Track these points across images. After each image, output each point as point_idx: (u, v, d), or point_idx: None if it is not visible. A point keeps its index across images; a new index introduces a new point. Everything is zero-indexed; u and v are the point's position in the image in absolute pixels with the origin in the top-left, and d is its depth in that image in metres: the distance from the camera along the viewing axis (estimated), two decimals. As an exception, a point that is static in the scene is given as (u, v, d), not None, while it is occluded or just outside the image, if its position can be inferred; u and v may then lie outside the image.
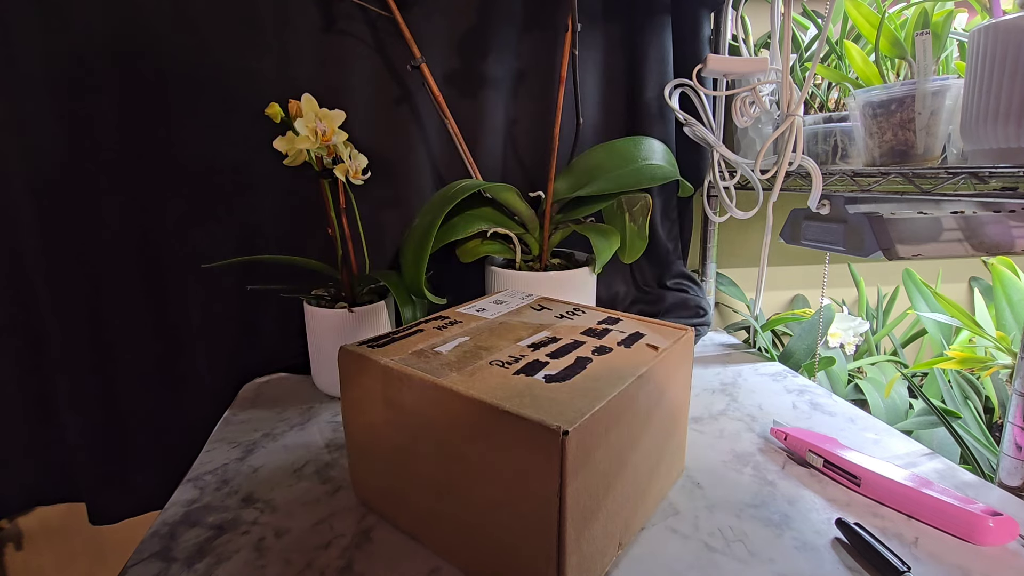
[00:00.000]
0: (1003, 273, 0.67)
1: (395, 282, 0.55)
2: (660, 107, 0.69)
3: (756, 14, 0.74)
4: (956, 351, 0.60)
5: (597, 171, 0.62)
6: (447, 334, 0.39)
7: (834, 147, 0.58)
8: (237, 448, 0.49)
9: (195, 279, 0.61)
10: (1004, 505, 0.39)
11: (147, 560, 0.35)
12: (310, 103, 0.48)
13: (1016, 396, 0.39)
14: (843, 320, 0.74)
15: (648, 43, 0.67)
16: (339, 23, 0.59)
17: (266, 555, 0.35)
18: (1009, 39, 0.37)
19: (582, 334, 0.39)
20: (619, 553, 0.34)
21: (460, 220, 0.59)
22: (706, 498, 0.40)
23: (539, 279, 0.58)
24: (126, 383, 0.62)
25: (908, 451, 0.46)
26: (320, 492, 0.42)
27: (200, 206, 0.61)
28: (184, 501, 0.41)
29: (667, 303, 0.72)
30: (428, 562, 0.34)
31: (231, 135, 0.59)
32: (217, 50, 0.58)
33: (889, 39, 0.51)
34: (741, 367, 0.65)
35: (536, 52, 0.66)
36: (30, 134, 0.55)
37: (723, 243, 0.83)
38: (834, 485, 0.41)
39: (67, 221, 0.57)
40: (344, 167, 0.51)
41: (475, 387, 0.31)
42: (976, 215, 0.51)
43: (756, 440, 0.48)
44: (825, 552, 0.35)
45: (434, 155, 0.66)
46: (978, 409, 0.61)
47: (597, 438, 0.29)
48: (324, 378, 0.58)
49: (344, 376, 0.37)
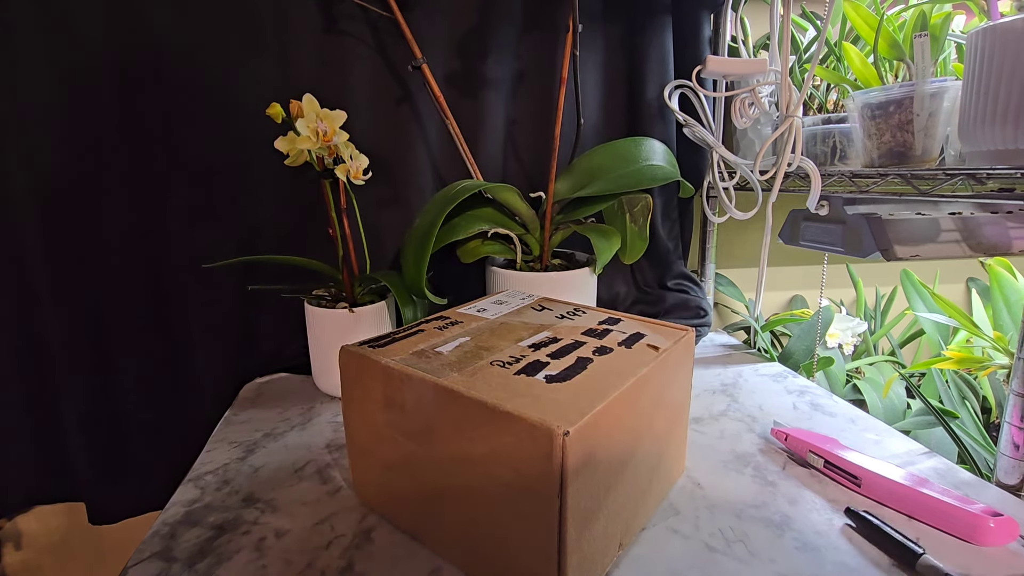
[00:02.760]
0: (1000, 274, 0.67)
1: (396, 282, 0.55)
2: (661, 108, 0.69)
3: (755, 15, 0.74)
4: (954, 351, 0.60)
5: (598, 172, 0.62)
6: (448, 334, 0.39)
7: (833, 148, 0.58)
8: (238, 448, 0.49)
9: (196, 279, 0.61)
10: (1002, 504, 0.39)
11: (148, 560, 0.35)
12: (311, 103, 0.48)
13: (1013, 396, 0.40)
14: (842, 320, 0.75)
15: (648, 44, 0.68)
16: (340, 23, 0.59)
17: (267, 555, 0.35)
18: (1007, 41, 0.38)
19: (583, 334, 0.39)
20: (620, 553, 0.34)
21: (461, 220, 0.59)
22: (707, 498, 0.40)
23: (540, 279, 0.58)
24: (126, 383, 0.62)
25: (908, 450, 0.46)
26: (321, 492, 0.42)
27: (201, 206, 0.61)
28: (185, 501, 0.41)
29: (667, 304, 0.72)
30: (428, 562, 0.34)
31: (232, 135, 0.59)
32: (218, 50, 0.58)
33: (888, 41, 0.51)
34: (741, 368, 0.65)
35: (537, 53, 0.66)
36: (31, 134, 0.55)
37: (722, 244, 0.83)
38: (835, 486, 0.41)
39: (67, 221, 0.57)
40: (345, 167, 0.51)
41: (476, 387, 0.31)
42: (974, 216, 0.52)
43: (757, 441, 0.48)
44: (838, 541, 0.35)
45: (435, 155, 0.66)
46: (975, 409, 0.61)
47: (598, 438, 0.29)
48: (325, 378, 0.58)
49: (345, 376, 0.37)
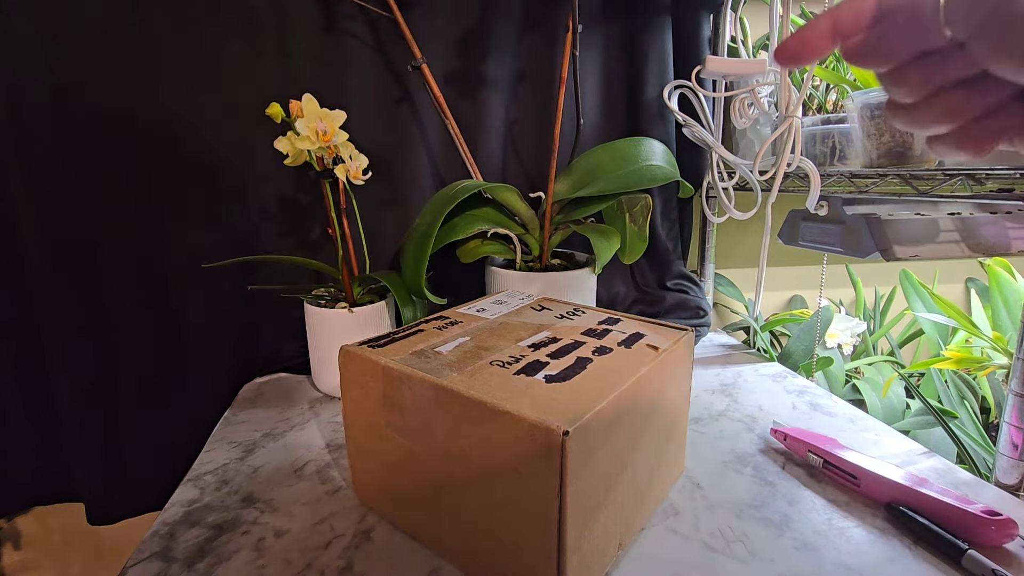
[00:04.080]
0: (999, 274, 0.67)
1: (395, 282, 0.55)
2: (660, 108, 0.69)
3: (755, 16, 0.74)
4: (953, 351, 0.60)
5: (597, 172, 0.62)
6: (447, 334, 0.39)
7: (832, 148, 0.58)
8: (237, 448, 0.49)
9: (195, 279, 0.61)
10: (1001, 504, 0.39)
11: (147, 560, 0.35)
12: (311, 103, 0.48)
13: (1012, 396, 0.40)
14: (841, 320, 0.75)
15: (648, 44, 0.68)
16: (340, 23, 0.59)
17: (266, 555, 0.35)
18: (1006, 42, 0.38)
19: (582, 334, 0.39)
20: (619, 553, 0.34)
21: (461, 220, 0.59)
22: (706, 498, 0.40)
23: (539, 279, 0.58)
24: (126, 383, 0.62)
25: (907, 450, 0.46)
26: (320, 492, 0.42)
27: (200, 206, 0.61)
28: (184, 501, 0.41)
29: (667, 304, 0.72)
30: (428, 562, 0.34)
31: (232, 135, 0.59)
32: (218, 50, 0.58)
33: (887, 41, 0.51)
34: (741, 368, 0.65)
35: (536, 53, 0.66)
36: (29, 134, 0.55)
37: (721, 244, 0.83)
38: (834, 485, 0.41)
39: (67, 221, 0.57)
40: (345, 167, 0.51)
41: (475, 387, 0.31)
42: (973, 216, 0.52)
43: (756, 441, 0.48)
44: (837, 541, 0.35)
45: (434, 155, 0.66)
46: (974, 409, 0.61)
47: (598, 438, 0.29)
48: (324, 378, 0.58)
49: (344, 376, 0.37)
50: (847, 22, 0.21)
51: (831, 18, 0.21)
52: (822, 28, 0.21)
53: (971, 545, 0.33)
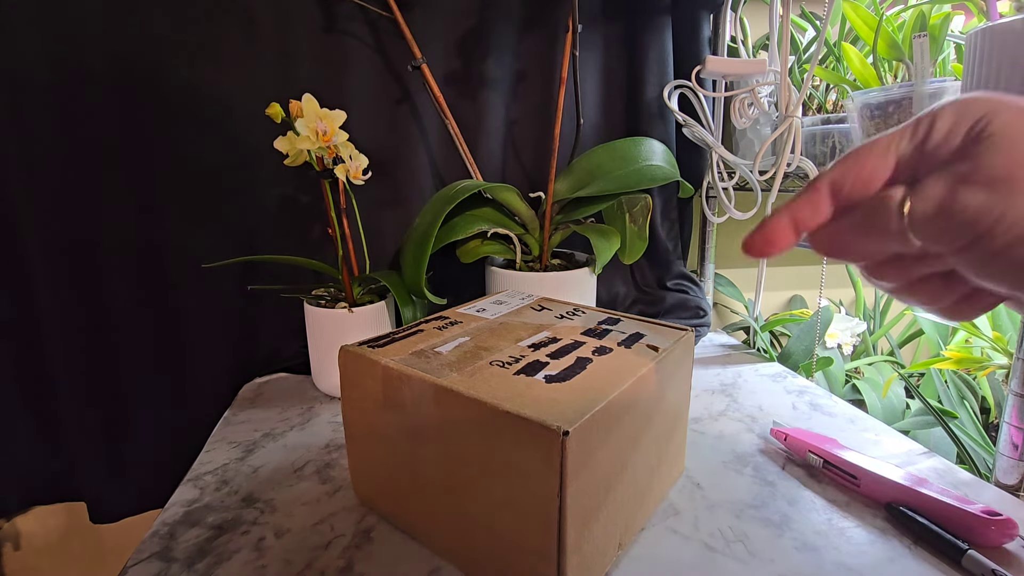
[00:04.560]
0: (1000, 274, 0.67)
1: (395, 282, 0.55)
2: (660, 108, 0.69)
3: (755, 16, 0.74)
4: (953, 351, 0.60)
5: (597, 172, 0.62)
6: (447, 334, 0.39)
7: (832, 148, 0.58)
8: (237, 448, 0.49)
9: (195, 279, 0.61)
10: (1001, 504, 0.39)
11: (147, 560, 0.35)
12: (311, 103, 0.48)
13: (1012, 396, 0.40)
14: (841, 320, 0.75)
15: (648, 44, 0.68)
16: (340, 23, 0.59)
17: (266, 555, 0.35)
18: (1006, 42, 0.38)
19: (582, 334, 0.39)
20: (619, 553, 0.34)
21: (460, 220, 0.59)
22: (706, 498, 0.40)
23: (539, 279, 0.58)
24: (126, 383, 0.62)
25: (907, 450, 0.46)
26: (320, 492, 0.42)
27: (200, 206, 0.61)
28: (184, 501, 0.41)
29: (667, 304, 0.72)
30: (428, 562, 0.34)
31: (232, 135, 0.59)
32: (218, 50, 0.58)
33: (887, 41, 0.51)
34: (741, 368, 0.65)
35: (536, 53, 0.66)
36: (29, 134, 0.55)
37: (721, 244, 0.83)
38: (834, 485, 0.41)
39: (67, 221, 0.57)
40: (344, 167, 0.51)
41: (475, 387, 0.31)
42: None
43: (756, 441, 0.48)
44: (837, 541, 0.35)
45: (434, 155, 0.66)
46: (974, 409, 0.61)
47: (597, 438, 0.29)
48: (324, 378, 0.58)
49: (344, 376, 0.37)
50: (805, 219, 0.21)
51: (789, 213, 0.21)
52: (783, 224, 0.21)
53: (971, 545, 0.33)
